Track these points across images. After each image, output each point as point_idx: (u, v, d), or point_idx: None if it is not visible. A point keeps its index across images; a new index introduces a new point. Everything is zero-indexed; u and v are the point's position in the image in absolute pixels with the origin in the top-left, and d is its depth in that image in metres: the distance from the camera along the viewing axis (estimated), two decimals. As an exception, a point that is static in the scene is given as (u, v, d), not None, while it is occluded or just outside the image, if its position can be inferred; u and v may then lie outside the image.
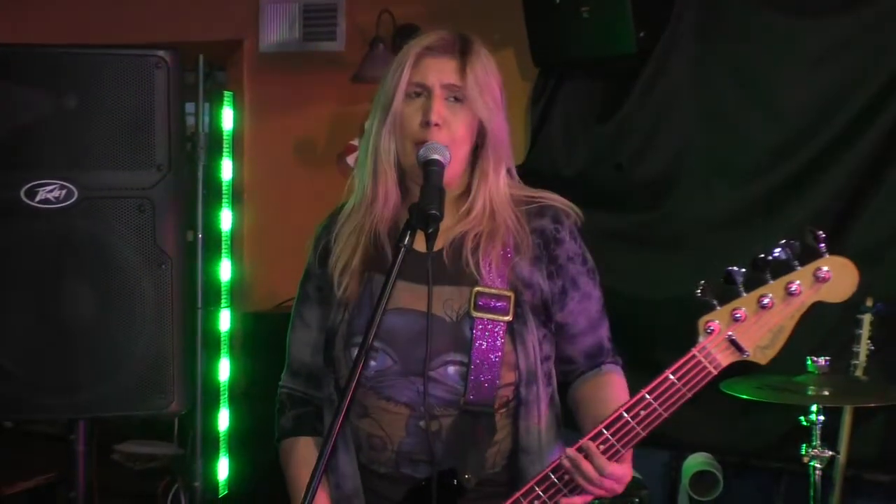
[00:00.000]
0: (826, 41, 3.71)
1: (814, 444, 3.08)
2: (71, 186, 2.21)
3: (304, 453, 2.09)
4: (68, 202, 2.21)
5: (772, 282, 1.80)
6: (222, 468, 4.28)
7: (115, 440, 4.82)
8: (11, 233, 2.22)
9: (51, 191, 2.20)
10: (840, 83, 3.69)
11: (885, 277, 3.52)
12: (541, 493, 1.87)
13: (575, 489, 1.86)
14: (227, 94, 4.31)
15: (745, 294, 1.81)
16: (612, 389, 2.06)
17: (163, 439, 4.88)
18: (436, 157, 1.91)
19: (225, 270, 4.38)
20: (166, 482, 4.36)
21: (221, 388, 4.27)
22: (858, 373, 3.35)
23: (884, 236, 3.61)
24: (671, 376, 1.82)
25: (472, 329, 1.95)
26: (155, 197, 2.25)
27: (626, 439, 1.83)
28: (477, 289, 1.96)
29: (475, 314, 1.95)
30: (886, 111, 3.60)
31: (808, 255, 1.81)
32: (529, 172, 4.13)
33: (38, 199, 2.20)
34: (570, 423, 2.09)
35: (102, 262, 2.24)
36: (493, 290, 1.96)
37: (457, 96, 1.98)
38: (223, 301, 4.26)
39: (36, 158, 2.22)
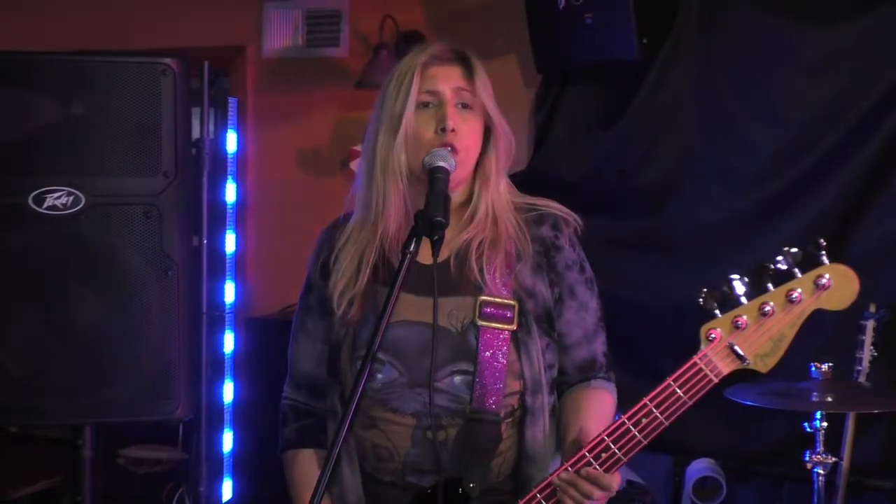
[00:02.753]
0: (829, 49, 3.71)
1: (817, 450, 3.08)
2: (78, 193, 2.22)
3: (305, 468, 2.09)
4: (75, 208, 2.22)
5: (773, 289, 1.81)
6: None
7: (120, 444, 4.82)
8: (19, 239, 2.23)
9: (58, 197, 2.21)
10: (843, 90, 3.69)
11: (888, 283, 3.53)
12: (542, 501, 1.88)
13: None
14: (230, 100, 4.32)
15: (746, 302, 1.81)
16: (593, 404, 2.02)
17: (167, 444, 4.87)
18: (441, 164, 1.91)
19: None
20: (171, 486, 4.36)
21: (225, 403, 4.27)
22: (862, 379, 3.35)
23: (886, 242, 3.60)
24: (673, 384, 1.82)
25: (477, 338, 1.94)
26: (161, 203, 2.26)
27: (627, 447, 1.83)
28: (482, 298, 1.96)
29: (480, 323, 1.95)
30: (889, 118, 3.61)
31: (808, 262, 1.81)
32: (533, 178, 4.16)
33: (45, 205, 2.21)
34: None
35: (109, 268, 2.25)
36: (497, 300, 1.96)
37: (466, 103, 1.99)
38: (227, 305, 4.27)
39: (43, 165, 2.23)
